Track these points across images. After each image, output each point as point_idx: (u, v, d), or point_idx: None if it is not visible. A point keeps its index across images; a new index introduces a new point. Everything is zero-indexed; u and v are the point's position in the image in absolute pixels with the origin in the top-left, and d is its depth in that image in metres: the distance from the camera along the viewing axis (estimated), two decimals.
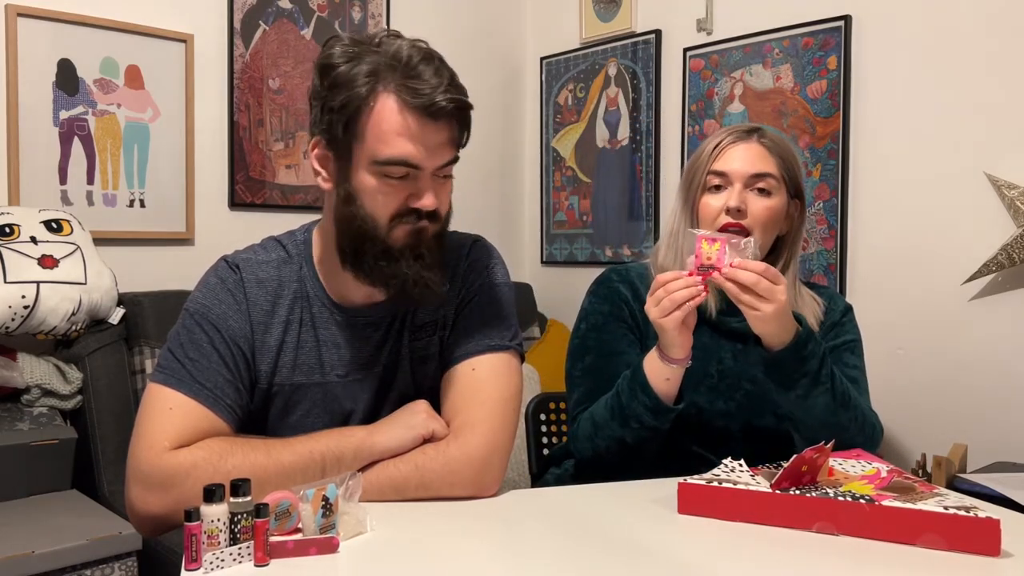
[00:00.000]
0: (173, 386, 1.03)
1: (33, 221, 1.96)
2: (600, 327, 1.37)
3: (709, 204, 1.31)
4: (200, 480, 0.92)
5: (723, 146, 1.32)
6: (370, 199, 1.02)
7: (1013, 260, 1.95)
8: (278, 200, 2.59)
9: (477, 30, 3.10)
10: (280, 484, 0.95)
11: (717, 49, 2.61)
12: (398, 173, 1.00)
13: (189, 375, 1.03)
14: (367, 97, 0.99)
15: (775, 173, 1.30)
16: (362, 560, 0.86)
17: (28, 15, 2.10)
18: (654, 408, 1.22)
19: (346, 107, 0.99)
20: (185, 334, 1.07)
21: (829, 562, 0.86)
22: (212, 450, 0.99)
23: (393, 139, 0.99)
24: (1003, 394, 2.01)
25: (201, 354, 1.05)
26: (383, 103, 0.99)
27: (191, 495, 0.91)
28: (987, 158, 2.03)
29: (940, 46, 2.11)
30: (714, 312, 1.33)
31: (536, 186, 3.27)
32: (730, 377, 1.34)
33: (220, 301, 1.09)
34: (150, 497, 0.99)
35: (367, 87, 0.99)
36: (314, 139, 1.06)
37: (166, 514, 0.98)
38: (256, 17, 2.53)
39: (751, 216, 1.29)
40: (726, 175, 1.30)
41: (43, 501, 1.77)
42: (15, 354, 1.92)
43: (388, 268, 1.04)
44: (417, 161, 1.00)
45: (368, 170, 1.01)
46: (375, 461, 1.03)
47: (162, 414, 1.02)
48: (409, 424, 1.05)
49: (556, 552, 0.90)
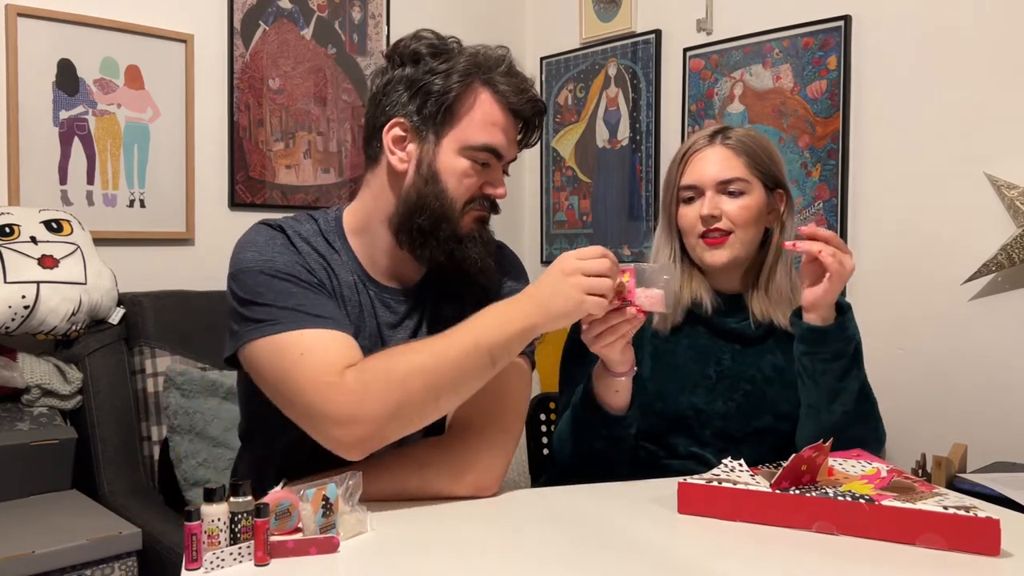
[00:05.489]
0: (293, 328, 0.99)
1: (33, 221, 1.96)
2: None
3: (686, 216, 1.34)
4: (390, 385, 0.95)
5: (688, 156, 1.35)
6: (455, 180, 1.09)
7: (1013, 260, 1.95)
8: (278, 200, 2.59)
9: (477, 30, 3.10)
10: (455, 384, 0.98)
11: (717, 49, 2.61)
12: (483, 159, 1.09)
13: (302, 313, 1.00)
14: (468, 86, 1.08)
15: (743, 175, 1.31)
16: (362, 560, 0.86)
17: (28, 15, 2.10)
18: (603, 420, 1.23)
19: (447, 93, 1.07)
20: (265, 287, 1.02)
21: (829, 562, 0.86)
22: (378, 363, 0.97)
23: (488, 128, 1.09)
24: (1003, 394, 2.01)
25: (297, 298, 1.02)
26: (482, 95, 1.09)
27: (397, 395, 0.95)
28: (987, 158, 2.03)
29: (940, 46, 2.11)
30: (709, 309, 1.34)
31: (536, 186, 3.27)
32: (729, 378, 1.34)
33: (280, 254, 1.07)
34: (359, 427, 0.95)
35: (469, 77, 1.08)
36: (393, 121, 1.11)
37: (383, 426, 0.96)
38: (256, 17, 2.53)
39: (728, 219, 1.31)
40: (695, 187, 1.33)
41: (43, 501, 1.77)
42: (15, 354, 1.92)
43: (459, 251, 1.09)
44: (503, 150, 1.11)
45: (460, 153, 1.09)
46: (375, 461, 1.03)
47: (303, 357, 0.97)
48: (566, 295, 1.01)
49: (556, 552, 0.90)
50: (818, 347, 1.21)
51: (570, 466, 1.31)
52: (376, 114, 1.13)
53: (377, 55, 2.81)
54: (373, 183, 1.15)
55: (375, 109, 1.13)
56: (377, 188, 1.14)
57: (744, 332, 1.35)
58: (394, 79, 1.11)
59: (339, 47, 2.73)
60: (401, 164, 1.10)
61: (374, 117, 1.13)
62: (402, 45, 1.12)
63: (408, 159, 1.10)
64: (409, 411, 0.98)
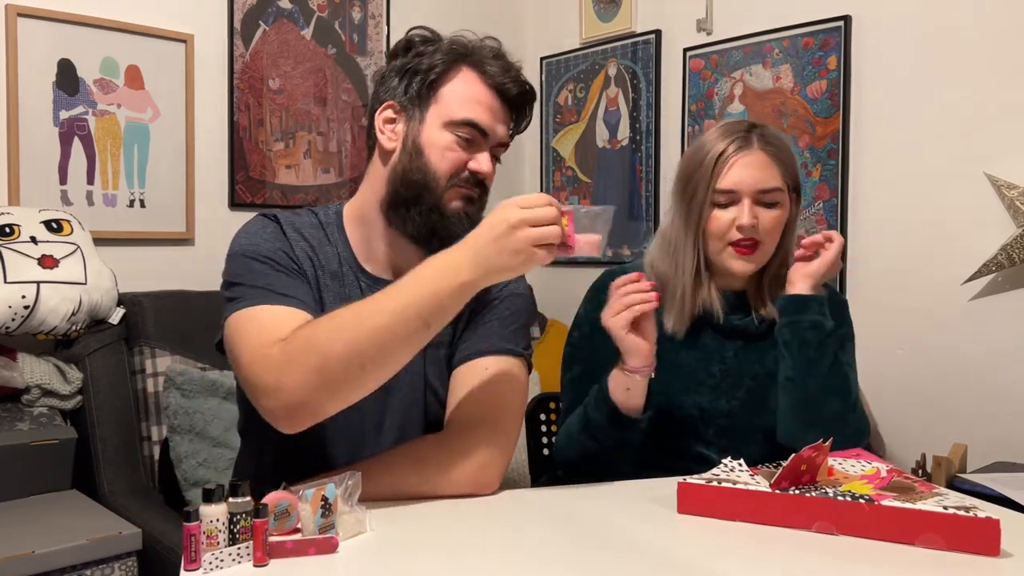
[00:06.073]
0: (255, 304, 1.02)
1: (33, 221, 1.96)
2: (591, 335, 1.36)
3: (719, 220, 1.28)
4: (309, 353, 0.93)
5: (728, 158, 1.27)
6: (437, 154, 1.10)
7: (1013, 260, 1.95)
8: (278, 200, 2.59)
9: (477, 30, 3.08)
10: (382, 350, 0.94)
11: (717, 49, 2.61)
12: (466, 134, 1.10)
13: (274, 292, 1.03)
14: (452, 65, 1.12)
15: (779, 185, 1.29)
16: (361, 560, 0.86)
17: (28, 15, 2.10)
18: (614, 420, 1.22)
19: (431, 70, 1.11)
20: (244, 269, 1.07)
21: (828, 562, 0.86)
22: (303, 331, 0.97)
23: (471, 104, 1.11)
24: (1003, 394, 2.01)
25: (269, 278, 1.05)
26: (465, 73, 1.13)
27: (315, 362, 0.93)
28: (987, 158, 2.03)
29: (940, 46, 2.11)
30: (721, 317, 1.33)
31: (536, 186, 3.26)
32: (732, 376, 1.34)
33: (267, 240, 1.11)
34: (283, 395, 0.95)
35: (452, 56, 1.12)
36: (384, 104, 1.15)
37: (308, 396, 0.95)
38: (256, 17, 2.53)
39: (762, 230, 1.28)
40: (734, 192, 1.27)
41: (43, 501, 1.77)
42: (15, 354, 1.92)
43: (440, 222, 1.10)
44: (487, 128, 1.11)
45: (443, 127, 1.10)
46: (373, 459, 1.03)
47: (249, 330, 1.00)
48: (514, 249, 0.94)
49: (556, 551, 0.90)
50: (798, 315, 1.25)
51: (573, 464, 1.31)
52: (373, 105, 1.17)
53: (377, 55, 2.81)
54: (370, 171, 1.18)
55: (372, 101, 1.18)
56: (373, 175, 1.17)
57: (747, 328, 1.35)
58: (388, 70, 1.17)
59: (339, 47, 2.73)
60: (390, 143, 1.13)
61: (371, 108, 1.17)
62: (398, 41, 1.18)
63: (396, 137, 1.13)
64: (332, 379, 0.94)
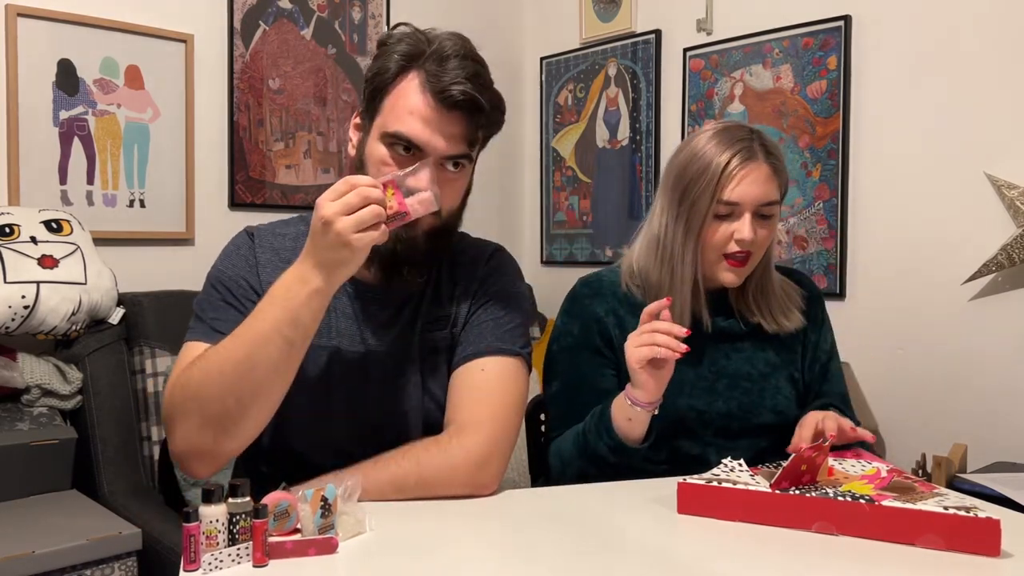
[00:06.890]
0: (197, 339, 1.08)
1: (33, 221, 1.96)
2: (570, 349, 1.35)
3: (720, 233, 1.26)
4: (186, 400, 0.98)
5: (733, 171, 1.24)
6: (374, 168, 1.06)
7: (1013, 260, 1.95)
8: (278, 200, 2.59)
9: (477, 30, 3.07)
10: (255, 380, 0.96)
11: (717, 49, 2.61)
12: (400, 149, 1.04)
13: (210, 328, 1.07)
14: (396, 74, 1.06)
15: (776, 199, 1.28)
16: (361, 560, 0.86)
17: (28, 15, 2.10)
18: (616, 449, 1.21)
19: (375, 79, 1.07)
20: (204, 297, 1.13)
21: (829, 562, 0.86)
22: (184, 373, 1.01)
23: (405, 116, 1.04)
24: (1003, 394, 2.01)
25: (218, 310, 1.09)
26: (408, 82, 1.05)
27: (193, 407, 0.98)
28: (987, 158, 2.03)
29: (940, 46, 2.11)
30: (710, 327, 1.33)
31: (536, 186, 3.27)
32: (727, 377, 1.34)
33: (233, 264, 1.14)
34: (177, 442, 1.01)
35: (398, 65, 1.06)
36: (356, 111, 1.14)
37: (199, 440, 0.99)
38: (256, 17, 2.53)
39: (757, 243, 1.27)
40: (737, 204, 1.25)
41: (43, 501, 1.77)
42: (15, 354, 1.92)
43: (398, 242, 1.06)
44: (421, 143, 1.03)
45: (380, 140, 1.06)
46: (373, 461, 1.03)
47: (179, 365, 1.06)
48: (338, 242, 0.92)
49: (556, 552, 0.90)
50: None
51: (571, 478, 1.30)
52: None
53: None
54: None
55: None
56: None
57: (732, 330, 1.35)
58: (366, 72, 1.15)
59: (339, 47, 2.73)
60: (352, 151, 1.13)
61: None
62: None
63: (355, 146, 1.13)
64: (214, 420, 0.98)
